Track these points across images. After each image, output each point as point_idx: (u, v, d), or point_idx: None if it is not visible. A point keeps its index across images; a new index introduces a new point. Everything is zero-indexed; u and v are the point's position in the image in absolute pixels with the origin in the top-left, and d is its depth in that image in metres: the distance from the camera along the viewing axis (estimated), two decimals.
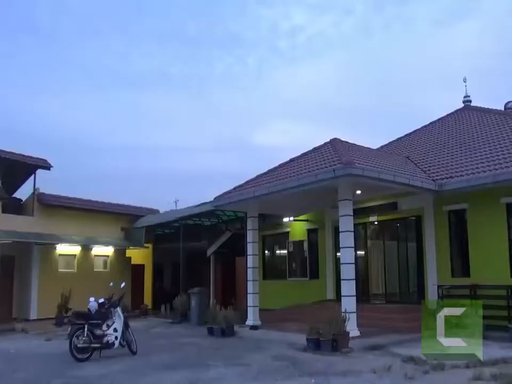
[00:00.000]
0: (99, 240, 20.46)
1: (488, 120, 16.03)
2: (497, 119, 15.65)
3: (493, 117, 16.09)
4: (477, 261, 11.94)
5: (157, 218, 21.63)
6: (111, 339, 9.55)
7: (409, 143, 17.52)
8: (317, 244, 16.56)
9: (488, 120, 15.96)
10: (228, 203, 14.07)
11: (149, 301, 22.14)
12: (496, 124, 15.19)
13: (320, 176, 10.99)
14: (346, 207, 11.08)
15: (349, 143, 13.77)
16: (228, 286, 20.51)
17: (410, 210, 13.73)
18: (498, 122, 15.25)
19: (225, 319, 12.38)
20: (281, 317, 14.02)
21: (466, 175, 12.06)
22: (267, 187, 12.51)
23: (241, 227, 17.69)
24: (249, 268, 13.99)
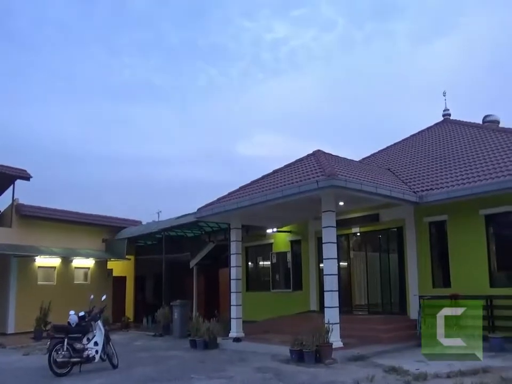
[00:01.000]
0: (79, 252, 20.18)
1: (467, 133, 16.39)
2: (475, 133, 16.01)
3: (471, 130, 16.46)
4: (457, 272, 12.13)
5: (139, 229, 21.44)
6: (91, 353, 9.40)
7: (391, 155, 17.78)
8: (300, 255, 16.59)
9: (467, 133, 16.32)
10: (210, 214, 14.05)
11: (131, 314, 21.83)
12: (474, 137, 15.54)
13: (303, 187, 11.07)
14: (330, 218, 11.16)
15: (332, 155, 13.91)
16: (211, 298, 20.38)
17: (391, 221, 13.91)
18: (476, 136, 15.60)
19: (208, 332, 12.34)
20: (265, 328, 13.96)
21: (446, 187, 12.28)
22: (250, 198, 12.54)
23: (224, 238, 17.63)
24: (232, 280, 13.94)
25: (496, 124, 17.93)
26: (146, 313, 20.02)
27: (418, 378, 7.78)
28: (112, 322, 18.31)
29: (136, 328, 18.98)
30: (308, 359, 9.52)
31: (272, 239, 17.67)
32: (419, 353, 10.09)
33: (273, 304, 16.69)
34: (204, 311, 16.90)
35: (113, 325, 17.93)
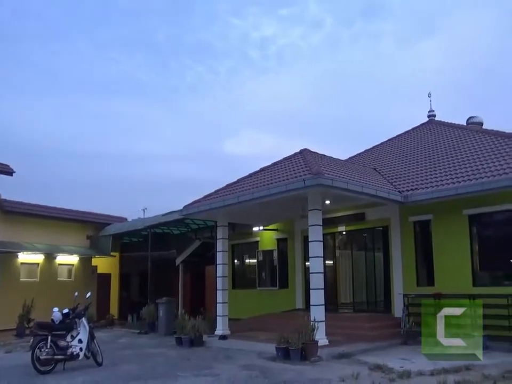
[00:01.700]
0: (63, 248, 19.92)
1: (451, 134, 16.56)
2: (459, 134, 16.19)
3: (455, 132, 16.63)
4: (441, 271, 12.28)
5: (125, 226, 21.26)
6: (75, 350, 9.29)
7: (376, 155, 17.89)
8: (287, 253, 16.62)
9: (451, 134, 16.49)
10: (197, 212, 13.97)
11: (115, 311, 21.66)
12: (458, 138, 15.71)
13: (290, 186, 11.07)
14: (316, 216, 11.18)
15: (319, 154, 13.93)
16: (197, 296, 20.32)
17: (377, 220, 14.01)
18: (460, 137, 15.78)
19: (194, 329, 12.30)
20: (251, 326, 13.94)
21: (430, 187, 12.40)
22: (237, 196, 12.50)
23: (210, 236, 17.56)
24: (218, 277, 13.89)
25: (480, 125, 18.14)
26: (131, 310, 19.81)
27: (402, 376, 7.86)
28: (97, 319, 18.11)
29: (121, 325, 18.81)
30: (294, 356, 9.55)
31: (259, 237, 17.65)
32: (403, 351, 10.22)
33: (259, 302, 16.69)
34: (190, 309, 16.87)
35: (97, 323, 17.76)
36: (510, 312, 10.53)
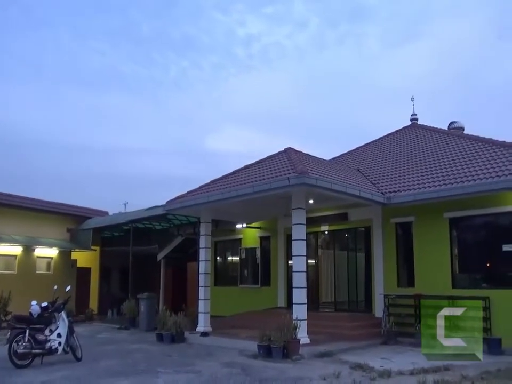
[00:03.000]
0: (42, 241, 19.55)
1: (433, 138, 16.73)
2: (441, 138, 16.37)
3: (437, 136, 16.81)
4: (421, 272, 12.40)
5: (106, 220, 21.11)
6: (54, 345, 9.11)
7: (360, 156, 17.97)
8: (269, 251, 16.61)
9: (433, 138, 16.66)
10: (180, 207, 13.85)
11: (95, 306, 21.40)
12: (440, 142, 15.88)
13: (274, 184, 11.04)
14: (300, 215, 11.18)
15: (303, 153, 13.93)
16: (179, 292, 20.23)
17: (359, 221, 14.08)
18: (442, 141, 15.95)
19: (176, 325, 12.23)
20: (233, 323, 13.91)
21: (413, 189, 12.50)
22: (221, 192, 12.43)
23: (193, 232, 17.48)
24: (201, 274, 13.79)
25: (461, 130, 18.40)
26: (112, 305, 19.73)
27: (383, 375, 7.90)
28: (76, 314, 17.84)
29: (101, 320, 18.65)
30: (276, 354, 9.53)
31: (242, 234, 17.60)
32: (384, 351, 10.30)
33: (241, 299, 16.66)
34: (171, 305, 16.69)
35: (77, 317, 17.48)
36: (487, 314, 10.68)
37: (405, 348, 10.82)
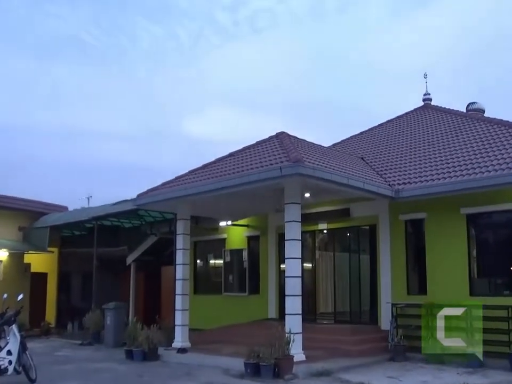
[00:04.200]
0: None
1: (449, 121, 16.86)
2: (458, 121, 16.51)
3: (454, 118, 16.94)
4: (434, 277, 12.50)
5: (65, 217, 20.97)
6: (3, 364, 9.08)
7: (364, 142, 18.06)
8: (258, 253, 16.64)
9: (449, 122, 16.79)
10: (153, 202, 13.87)
11: (52, 318, 21.30)
12: (457, 126, 16.01)
13: (264, 174, 11.05)
14: (294, 211, 11.21)
15: (298, 139, 13.97)
16: (152, 301, 20.24)
17: (363, 218, 14.15)
18: (459, 125, 16.08)
19: (148, 340, 12.26)
20: (215, 338, 13.97)
21: (425, 181, 12.60)
22: (201, 184, 12.46)
23: (169, 231, 17.42)
24: (178, 280, 13.82)
25: (481, 112, 18.56)
26: (72, 317, 19.70)
27: None
28: (30, 327, 17.82)
29: (59, 335, 18.66)
30: (265, 373, 9.58)
31: (226, 233, 17.61)
32: (391, 369, 10.39)
33: (226, 309, 16.70)
34: (143, 316, 16.73)
35: (31, 331, 17.45)
36: (510, 325, 10.80)
37: (415, 364, 10.93)
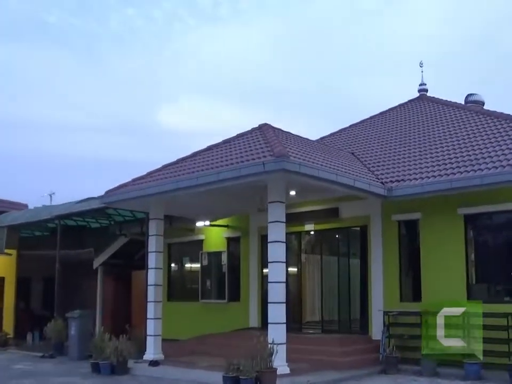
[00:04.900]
0: None
1: (446, 114, 17.05)
2: (456, 114, 16.71)
3: (451, 111, 17.14)
4: (429, 282, 12.64)
5: (25, 215, 20.91)
6: None
7: (355, 136, 18.18)
8: (239, 256, 16.70)
9: (446, 114, 16.98)
10: (123, 199, 13.84)
11: (10, 328, 21.14)
12: (455, 119, 16.20)
13: (245, 170, 11.06)
14: (278, 211, 11.24)
15: (283, 131, 14.03)
16: (121, 309, 20.17)
17: (353, 218, 14.23)
18: (457, 118, 16.28)
19: (117, 352, 12.28)
20: (191, 349, 14.02)
21: (420, 179, 12.70)
22: (176, 181, 12.43)
23: (140, 232, 17.46)
24: (150, 286, 13.79)
25: (481, 105, 18.83)
26: (32, 327, 19.55)
27: None
28: None
29: (18, 346, 18.55)
30: None
31: (203, 234, 17.63)
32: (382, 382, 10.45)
33: (203, 318, 16.74)
34: (112, 326, 16.70)
35: None
36: (510, 335, 10.96)
37: (408, 377, 11.03)
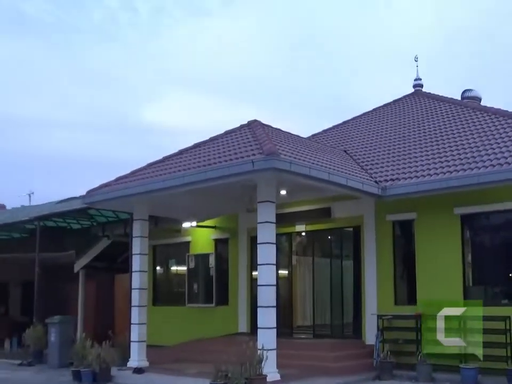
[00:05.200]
0: None
1: (442, 110, 17.13)
2: (452, 110, 16.78)
3: (447, 107, 17.21)
4: (425, 284, 12.66)
5: (2, 216, 21.03)
6: None
7: (348, 133, 18.23)
8: (227, 259, 16.71)
9: (442, 111, 17.05)
10: (106, 199, 13.80)
11: None
12: (451, 116, 16.26)
13: (233, 169, 11.05)
14: (268, 211, 11.23)
15: (273, 128, 14.05)
16: (104, 314, 20.05)
17: (346, 219, 14.26)
18: (454, 114, 16.35)
19: (99, 359, 12.22)
20: (178, 355, 14.02)
21: (415, 178, 12.74)
22: (162, 180, 12.43)
23: (124, 233, 17.45)
24: (134, 289, 13.73)
25: (478, 101, 18.94)
26: (10, 333, 19.45)
27: None
28: None
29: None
30: None
31: (190, 236, 17.62)
32: None
33: (190, 323, 16.73)
34: (94, 332, 16.73)
35: None
36: (508, 338, 11.03)
37: (403, 383, 11.05)
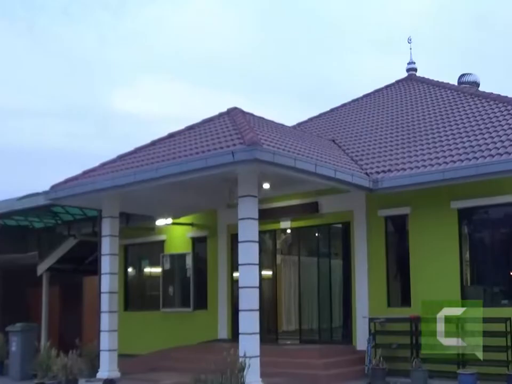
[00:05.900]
0: None
1: (437, 96, 17.22)
2: (448, 96, 16.88)
3: (443, 93, 17.30)
4: (419, 284, 12.75)
5: None
6: None
7: (336, 121, 18.27)
8: (206, 259, 16.70)
9: (437, 97, 17.14)
10: (72, 195, 13.69)
11: None
12: (447, 103, 16.36)
13: (212, 160, 11.04)
14: (249, 206, 11.22)
15: (255, 116, 14.07)
16: (71, 320, 20.08)
17: (335, 214, 14.29)
18: (450, 101, 16.45)
19: (66, 370, 12.21)
20: (153, 364, 14.03)
21: (409, 169, 12.80)
22: (133, 173, 12.36)
23: (92, 232, 17.37)
24: (103, 293, 13.67)
25: (475, 86, 19.04)
26: None
27: None
28: None
29: None
30: None
31: (165, 234, 17.62)
32: None
33: (165, 329, 16.72)
34: (59, 340, 16.78)
35: None
36: (508, 341, 11.17)
37: None
